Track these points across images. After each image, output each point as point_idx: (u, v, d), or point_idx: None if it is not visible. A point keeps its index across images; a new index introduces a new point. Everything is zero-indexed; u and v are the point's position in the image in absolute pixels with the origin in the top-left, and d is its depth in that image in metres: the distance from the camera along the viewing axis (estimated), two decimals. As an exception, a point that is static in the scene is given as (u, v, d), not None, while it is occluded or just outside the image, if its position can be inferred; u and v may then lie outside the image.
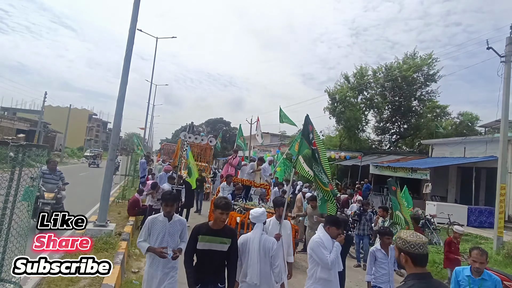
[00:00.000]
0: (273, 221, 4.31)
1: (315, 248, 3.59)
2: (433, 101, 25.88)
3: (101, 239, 6.06)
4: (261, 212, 3.61)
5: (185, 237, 3.60)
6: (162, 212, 3.62)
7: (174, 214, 3.63)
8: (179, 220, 3.67)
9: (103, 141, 75.81)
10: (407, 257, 1.97)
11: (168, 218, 3.57)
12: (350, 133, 25.88)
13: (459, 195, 17.52)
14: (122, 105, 7.32)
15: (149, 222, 3.57)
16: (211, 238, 3.11)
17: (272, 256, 3.39)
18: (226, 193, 8.53)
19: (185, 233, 3.67)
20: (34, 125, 38.06)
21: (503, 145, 10.12)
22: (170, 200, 3.56)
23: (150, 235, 3.54)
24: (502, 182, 9.89)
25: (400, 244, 2.01)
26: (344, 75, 27.53)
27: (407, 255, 1.97)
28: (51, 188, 7.36)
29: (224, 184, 9.31)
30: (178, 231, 3.62)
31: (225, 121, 60.60)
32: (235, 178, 9.47)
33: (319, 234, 3.74)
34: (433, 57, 24.37)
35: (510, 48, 10.14)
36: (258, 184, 9.39)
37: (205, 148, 18.97)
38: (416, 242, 1.95)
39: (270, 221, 4.30)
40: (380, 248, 4.57)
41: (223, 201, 3.14)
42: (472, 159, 15.25)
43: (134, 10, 7.41)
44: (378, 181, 20.20)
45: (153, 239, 3.50)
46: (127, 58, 7.25)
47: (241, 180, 9.31)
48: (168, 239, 3.51)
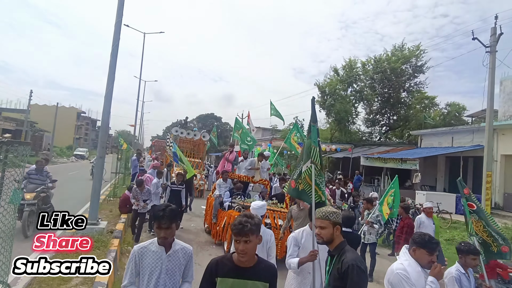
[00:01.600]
0: (307, 232, 3.37)
1: (398, 285, 2.38)
2: (422, 92, 26.25)
3: (93, 237, 6.00)
4: (261, 205, 3.81)
5: (191, 274, 2.49)
6: (154, 239, 2.40)
7: (174, 241, 2.39)
8: (182, 250, 2.41)
9: (92, 140, 74.73)
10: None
11: (165, 248, 2.36)
12: (340, 126, 26.10)
13: (447, 184, 17.89)
14: (110, 102, 7.21)
15: (135, 255, 2.33)
16: (237, 282, 2.00)
17: (269, 247, 3.49)
18: (222, 190, 8.18)
19: (191, 267, 2.49)
20: (20, 124, 37.24)
21: (489, 134, 10.36)
22: (166, 219, 2.24)
23: (139, 274, 2.34)
24: (488, 170, 10.15)
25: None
26: (334, 68, 27.68)
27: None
28: (32, 188, 7.16)
29: (220, 180, 8.63)
30: (181, 266, 2.40)
31: (216, 116, 60.47)
32: (232, 174, 8.89)
33: (402, 261, 2.51)
34: (421, 48, 24.69)
35: (494, 38, 10.32)
36: (256, 180, 8.78)
37: (198, 143, 18.19)
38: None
39: (303, 232, 3.38)
40: (464, 272, 3.26)
41: (237, 225, 1.97)
42: (460, 149, 15.57)
43: (119, 4, 7.27)
44: (369, 173, 20.47)
45: (144, 281, 2.31)
46: (113, 54, 7.12)
47: (239, 176, 8.73)
48: (166, 280, 2.33)
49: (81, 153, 45.79)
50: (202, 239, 8.17)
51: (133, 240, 7.17)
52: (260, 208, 3.78)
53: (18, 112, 44.55)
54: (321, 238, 2.32)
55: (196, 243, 7.75)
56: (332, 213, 2.34)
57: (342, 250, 2.27)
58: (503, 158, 14.31)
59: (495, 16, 10.44)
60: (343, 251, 2.26)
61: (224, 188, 8.26)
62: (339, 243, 2.31)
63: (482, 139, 12.92)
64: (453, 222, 11.56)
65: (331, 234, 2.30)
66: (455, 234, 9.81)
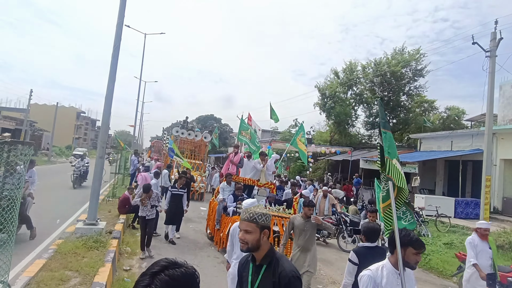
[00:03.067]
0: (388, 270, 2.47)
1: None
2: (421, 95, 26.30)
3: (91, 238, 6.00)
4: (251, 203, 3.94)
5: None
6: None
7: None
8: None
9: (92, 139, 74.65)
10: None
11: None
12: (340, 128, 26.16)
13: (446, 187, 17.90)
14: (111, 102, 7.23)
15: None
16: None
17: None
18: (226, 194, 7.72)
19: None
20: (19, 123, 37.21)
21: (488, 138, 10.36)
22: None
23: None
24: (488, 174, 10.15)
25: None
26: (334, 71, 27.76)
27: None
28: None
29: (224, 184, 8.18)
30: None
31: (216, 117, 60.44)
32: (237, 177, 8.32)
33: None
34: (421, 52, 24.76)
35: (494, 43, 10.35)
36: (262, 184, 8.25)
37: (199, 144, 17.51)
38: None
39: (382, 270, 2.49)
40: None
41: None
42: (459, 152, 15.58)
43: (121, 5, 7.30)
44: (368, 176, 20.47)
45: None
46: (114, 54, 7.15)
47: (243, 180, 8.23)
48: None
49: (80, 153, 45.74)
50: (201, 241, 8.17)
51: (140, 250, 6.58)
52: (251, 206, 3.82)
53: (17, 111, 44.48)
54: (245, 245, 1.96)
55: (194, 245, 7.75)
56: (261, 215, 1.99)
57: (272, 259, 1.97)
58: (502, 163, 14.33)
59: (495, 21, 10.49)
60: (276, 260, 1.96)
61: (228, 192, 7.82)
62: (268, 250, 1.99)
63: (481, 143, 12.94)
64: (452, 226, 11.57)
65: (257, 240, 1.94)
66: (453, 238, 9.81)
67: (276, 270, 1.91)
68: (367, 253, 3.24)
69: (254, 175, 8.65)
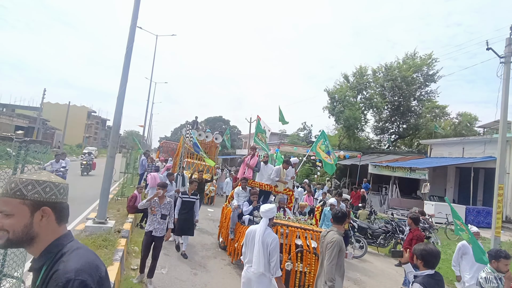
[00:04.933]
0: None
1: None
2: (432, 101, 25.98)
3: (100, 236, 6.07)
4: (268, 208, 3.90)
5: None
6: None
7: None
8: None
9: (102, 139, 75.64)
10: None
11: None
12: (349, 133, 25.97)
13: (457, 195, 17.60)
14: (122, 102, 7.31)
15: None
16: None
17: (269, 250, 3.59)
18: (241, 199, 7.28)
19: None
20: (33, 121, 37.97)
21: (502, 145, 10.15)
22: None
23: None
24: (500, 183, 9.92)
25: None
26: (344, 75, 27.66)
27: None
28: None
29: (238, 189, 7.59)
30: None
31: (224, 119, 60.63)
32: (253, 182, 7.70)
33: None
34: (433, 57, 24.50)
35: (509, 49, 10.16)
36: (279, 190, 7.68)
37: (210, 146, 17.12)
38: None
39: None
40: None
41: None
42: (471, 159, 15.31)
43: (134, 7, 7.40)
44: (377, 181, 20.26)
45: None
46: (127, 56, 7.24)
47: (260, 185, 7.58)
48: None
49: (90, 152, 46.56)
50: (207, 242, 8.18)
51: (140, 273, 5.27)
52: (267, 212, 3.85)
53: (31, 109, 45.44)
54: (4, 236, 1.14)
55: (201, 246, 7.76)
56: (32, 184, 1.19)
57: (56, 256, 1.19)
58: (516, 171, 14.03)
59: (510, 26, 10.30)
60: (60, 256, 1.18)
61: (243, 198, 7.31)
62: (51, 243, 1.21)
63: (494, 150, 12.69)
64: (462, 234, 11.38)
65: (25, 225, 1.16)
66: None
67: (51, 270, 1.15)
68: (433, 283, 2.59)
69: (272, 181, 7.80)
